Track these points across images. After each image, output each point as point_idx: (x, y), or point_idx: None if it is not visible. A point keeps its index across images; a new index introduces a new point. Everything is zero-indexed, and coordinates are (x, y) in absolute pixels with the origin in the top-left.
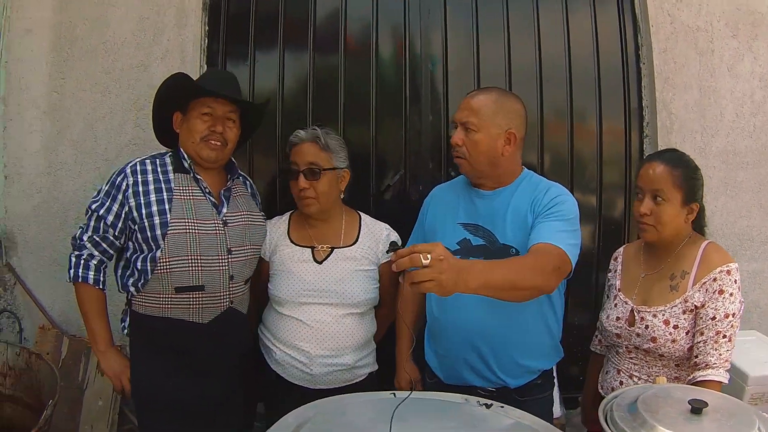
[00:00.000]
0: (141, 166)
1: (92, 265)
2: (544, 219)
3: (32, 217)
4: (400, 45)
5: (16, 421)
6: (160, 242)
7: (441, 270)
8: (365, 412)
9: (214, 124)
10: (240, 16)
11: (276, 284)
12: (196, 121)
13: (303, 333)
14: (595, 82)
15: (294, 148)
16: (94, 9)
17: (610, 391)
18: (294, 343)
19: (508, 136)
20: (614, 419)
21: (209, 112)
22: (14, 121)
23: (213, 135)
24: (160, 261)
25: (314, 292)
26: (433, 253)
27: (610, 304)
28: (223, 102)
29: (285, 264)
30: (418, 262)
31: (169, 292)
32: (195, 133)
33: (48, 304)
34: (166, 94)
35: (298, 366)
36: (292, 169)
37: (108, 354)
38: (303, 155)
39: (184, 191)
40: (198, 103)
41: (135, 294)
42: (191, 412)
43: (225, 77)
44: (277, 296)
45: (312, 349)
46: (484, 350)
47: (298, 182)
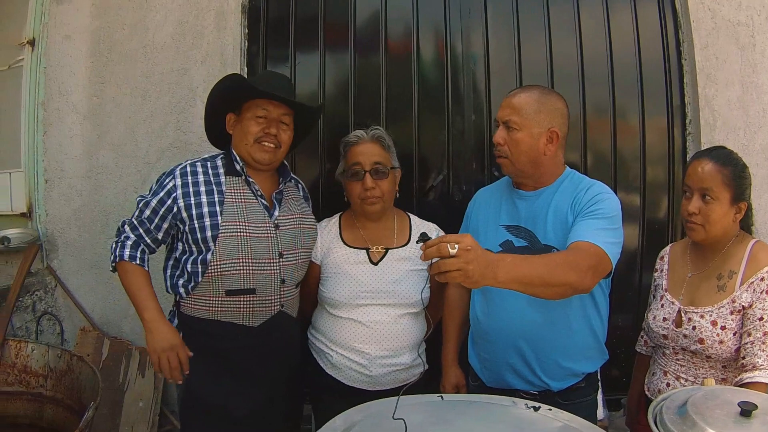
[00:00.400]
0: (191, 167)
1: (128, 244)
2: (584, 217)
3: (73, 221)
4: (441, 45)
5: (57, 422)
6: (211, 244)
7: (468, 260)
8: (413, 414)
9: (269, 125)
10: (280, 18)
11: (330, 287)
12: (250, 123)
13: (361, 334)
14: (636, 80)
15: (353, 148)
16: (133, 14)
17: (657, 392)
18: (352, 345)
19: (550, 135)
20: (664, 422)
21: (264, 115)
22: (54, 125)
23: (267, 137)
24: (211, 264)
25: (371, 293)
26: (461, 243)
27: (657, 304)
28: (278, 104)
29: (340, 266)
30: (446, 251)
31: (220, 294)
32: (249, 134)
33: (89, 307)
34: (220, 95)
35: (356, 368)
36: (354, 170)
37: (155, 323)
38: (367, 155)
39: (235, 194)
40: (252, 104)
41: (184, 296)
42: (236, 416)
43: (280, 80)
44: (332, 299)
45: (371, 350)
46: (527, 353)
47: (365, 182)
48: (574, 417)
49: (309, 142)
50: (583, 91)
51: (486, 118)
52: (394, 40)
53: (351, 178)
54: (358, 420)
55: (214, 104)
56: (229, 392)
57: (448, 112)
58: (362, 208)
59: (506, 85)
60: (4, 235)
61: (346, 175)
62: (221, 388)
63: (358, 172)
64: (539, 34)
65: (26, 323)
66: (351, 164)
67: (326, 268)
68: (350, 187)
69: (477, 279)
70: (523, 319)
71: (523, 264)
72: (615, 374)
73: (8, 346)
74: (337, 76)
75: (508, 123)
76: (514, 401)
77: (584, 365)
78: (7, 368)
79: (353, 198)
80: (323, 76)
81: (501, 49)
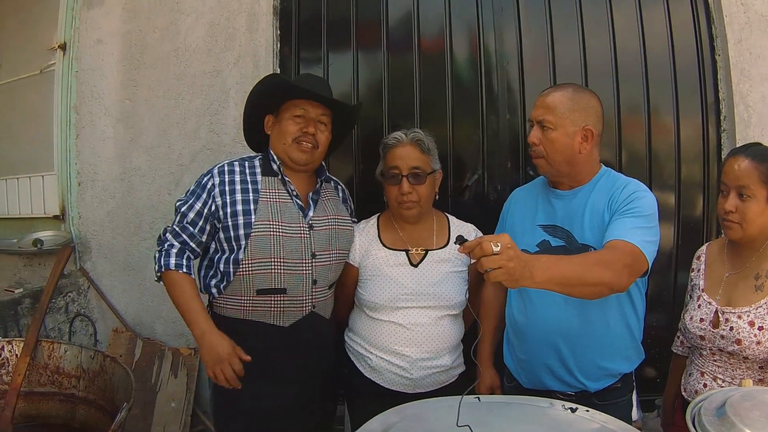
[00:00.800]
0: (228, 166)
1: (172, 252)
2: (620, 216)
3: (106, 223)
4: (474, 44)
5: (90, 423)
6: (243, 242)
7: (510, 257)
8: (450, 416)
9: (307, 125)
10: (312, 19)
11: (370, 289)
12: (288, 123)
13: (402, 337)
14: (670, 77)
15: (392, 150)
16: (164, 17)
17: (694, 393)
18: (393, 348)
19: (585, 133)
20: (702, 423)
21: (302, 114)
22: (87, 129)
23: (305, 136)
24: (243, 262)
25: (411, 295)
26: (501, 242)
27: (694, 304)
28: (316, 105)
29: (379, 268)
30: (489, 249)
31: (251, 294)
32: (287, 134)
33: (122, 308)
34: (259, 96)
35: (396, 371)
36: (392, 174)
37: (208, 336)
38: (405, 159)
39: (270, 194)
40: (291, 104)
41: (216, 296)
42: (268, 416)
43: (318, 81)
44: (371, 301)
45: (412, 352)
46: (564, 353)
47: (401, 187)
48: (611, 418)
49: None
50: (617, 89)
51: (520, 117)
52: (427, 39)
53: (388, 181)
54: (395, 422)
55: (255, 105)
56: (260, 390)
57: (482, 112)
58: (399, 212)
59: (540, 84)
60: (37, 238)
61: (384, 178)
62: (253, 387)
63: (396, 176)
64: (572, 31)
65: (59, 324)
66: (389, 167)
67: (365, 271)
68: (388, 190)
69: (517, 277)
70: (561, 319)
71: (559, 264)
72: (649, 375)
73: (41, 348)
74: (370, 76)
75: (543, 122)
76: (551, 402)
77: (621, 365)
78: (39, 369)
79: (391, 201)
80: (356, 77)
81: (534, 47)
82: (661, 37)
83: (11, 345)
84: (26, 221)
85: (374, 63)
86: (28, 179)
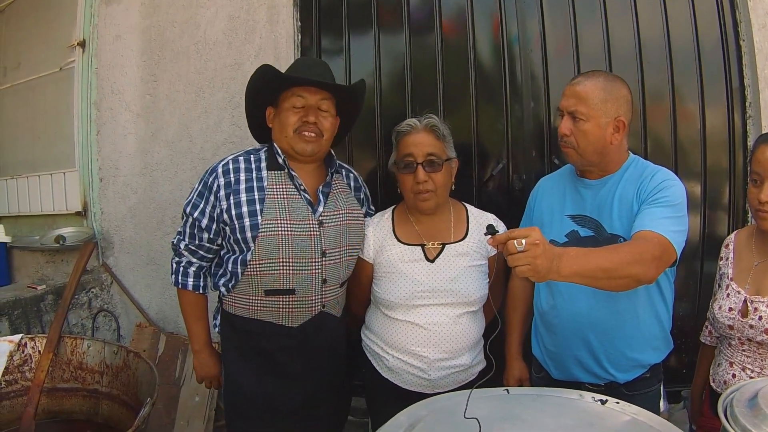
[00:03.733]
0: (233, 164)
1: (191, 272)
2: (649, 205)
3: (128, 218)
4: (497, 32)
5: (113, 418)
6: (251, 244)
7: (536, 255)
8: (479, 409)
9: (306, 114)
10: (332, 9)
11: (385, 287)
12: (287, 114)
13: (419, 337)
14: (695, 63)
15: (405, 138)
16: (183, 11)
17: (723, 384)
18: (410, 349)
19: (617, 124)
20: (735, 415)
21: (301, 103)
22: (108, 125)
23: (306, 126)
24: (250, 263)
25: (428, 292)
26: (529, 238)
27: (722, 294)
28: (315, 90)
29: (394, 265)
30: (513, 249)
31: (259, 294)
32: (287, 126)
33: (145, 303)
34: (254, 90)
35: (414, 372)
36: (406, 162)
37: (201, 355)
38: (420, 146)
39: (277, 190)
40: (289, 94)
41: (225, 294)
42: (279, 413)
43: (314, 64)
44: (387, 300)
45: (430, 353)
46: (594, 344)
47: (416, 175)
48: (641, 410)
49: (365, 134)
50: (642, 76)
51: (544, 104)
52: (450, 27)
53: (403, 170)
54: (423, 415)
55: (253, 100)
56: (271, 389)
57: (506, 100)
58: (415, 203)
59: (564, 71)
60: (59, 234)
61: (398, 167)
62: (263, 385)
63: (410, 164)
64: (595, 17)
65: (82, 320)
66: (403, 155)
67: (379, 267)
68: (402, 180)
69: (544, 273)
70: (590, 311)
71: (586, 257)
72: (675, 365)
73: (64, 344)
74: (393, 66)
75: (575, 113)
76: (581, 394)
77: (650, 356)
78: (62, 365)
79: (406, 191)
80: (378, 67)
81: (557, 33)
82: (684, 23)
83: (34, 341)
84: (48, 218)
85: (396, 52)
86: (50, 176)
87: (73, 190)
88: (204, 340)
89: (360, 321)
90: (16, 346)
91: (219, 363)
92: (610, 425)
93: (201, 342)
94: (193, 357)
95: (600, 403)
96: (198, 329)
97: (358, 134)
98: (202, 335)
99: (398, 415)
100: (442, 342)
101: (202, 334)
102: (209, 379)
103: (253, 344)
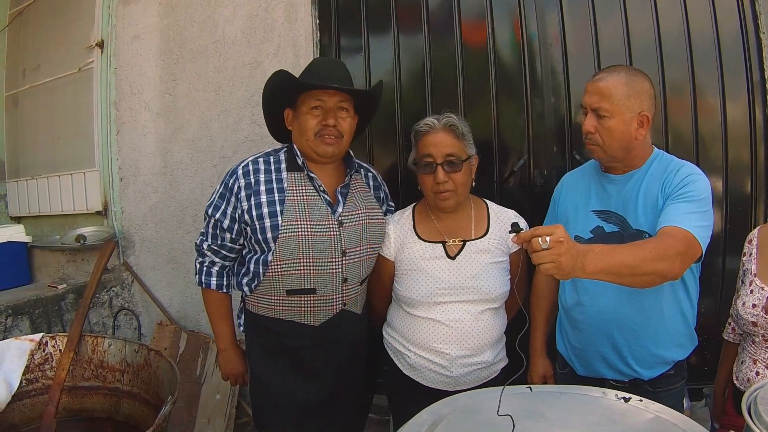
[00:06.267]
0: (253, 165)
1: (214, 272)
2: (674, 200)
3: (149, 217)
4: (516, 28)
5: (134, 416)
6: (272, 245)
7: (560, 252)
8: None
9: (326, 117)
10: (351, 7)
11: (407, 285)
12: (306, 117)
13: (442, 334)
14: (715, 56)
15: (424, 137)
16: (202, 11)
17: (746, 381)
18: (432, 346)
19: (641, 119)
20: (759, 413)
21: (319, 105)
22: (127, 124)
23: (326, 129)
24: (272, 264)
25: (450, 290)
26: (553, 235)
27: (746, 290)
28: (333, 92)
29: (415, 262)
30: (537, 246)
31: (281, 294)
32: (307, 130)
33: (165, 301)
34: (271, 94)
35: (436, 369)
36: (425, 162)
37: (227, 353)
38: (439, 146)
39: (297, 191)
40: (306, 96)
41: (248, 293)
42: (303, 410)
43: (332, 66)
44: (408, 297)
45: (452, 350)
46: (619, 341)
47: (436, 175)
48: (665, 408)
49: (386, 131)
50: (662, 70)
51: (564, 100)
52: (469, 24)
53: (422, 170)
54: (446, 413)
55: (270, 103)
56: (294, 386)
57: (526, 96)
58: (435, 202)
59: (584, 66)
60: (80, 234)
61: (418, 167)
62: (287, 383)
63: (430, 164)
64: (615, 11)
65: (103, 319)
66: (422, 155)
67: (401, 265)
68: (422, 179)
69: (568, 271)
70: (615, 308)
71: (610, 254)
72: (697, 363)
73: (85, 342)
74: (412, 63)
75: (599, 110)
76: (604, 392)
77: (675, 352)
78: (83, 364)
79: (426, 191)
80: (398, 64)
81: (577, 28)
82: (704, 16)
83: (55, 340)
84: (68, 218)
85: (416, 50)
86: (70, 176)
87: (94, 190)
88: (229, 339)
89: (382, 319)
90: (37, 344)
91: (244, 361)
92: (633, 423)
93: (226, 340)
94: (219, 355)
95: (623, 401)
96: (223, 327)
97: (378, 131)
98: (227, 333)
99: (421, 413)
100: (464, 339)
101: (227, 332)
102: (234, 376)
103: (276, 343)
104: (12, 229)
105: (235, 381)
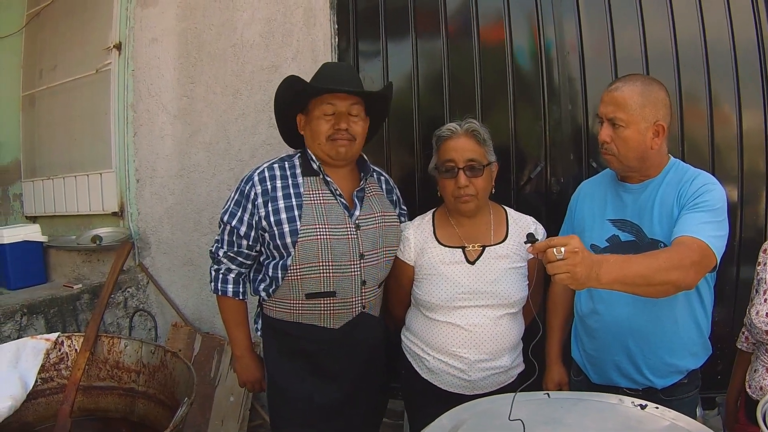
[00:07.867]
0: (269, 171)
1: (230, 278)
2: (689, 210)
3: (165, 219)
4: (534, 35)
5: (149, 417)
6: (291, 250)
7: (575, 263)
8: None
9: (338, 121)
10: (369, 12)
11: (426, 289)
12: (319, 122)
13: (460, 338)
14: (731, 65)
15: (446, 142)
16: (220, 14)
17: (759, 390)
18: (450, 350)
19: (656, 129)
20: None
21: (331, 110)
22: (144, 126)
23: (339, 133)
24: (291, 268)
25: (469, 294)
26: (568, 246)
27: (760, 299)
28: (344, 96)
29: (435, 267)
30: (552, 257)
31: (300, 298)
32: (320, 134)
33: (181, 303)
34: (282, 100)
35: (454, 373)
36: (447, 167)
37: (243, 359)
38: (461, 151)
39: (313, 195)
40: (318, 101)
41: (266, 299)
42: (321, 413)
43: (341, 70)
44: (428, 301)
45: (470, 354)
46: (633, 350)
47: (458, 180)
48: (681, 416)
49: (403, 136)
50: (679, 79)
51: (581, 107)
52: (487, 30)
53: (444, 175)
54: (465, 419)
55: (282, 109)
56: (313, 389)
57: (543, 103)
58: (456, 206)
59: (601, 74)
60: (96, 234)
61: (439, 172)
62: (305, 384)
63: (452, 169)
64: (632, 19)
65: (118, 319)
66: (444, 160)
67: (420, 270)
68: (443, 184)
69: (583, 281)
70: (631, 317)
71: (625, 264)
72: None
73: (101, 342)
74: (430, 68)
75: (614, 120)
76: (621, 399)
77: (689, 361)
78: (99, 364)
79: (447, 195)
80: (416, 69)
81: (594, 36)
82: (720, 25)
83: (70, 339)
84: (84, 218)
85: (433, 55)
86: (86, 177)
87: (110, 191)
88: (245, 345)
89: (398, 322)
90: (53, 344)
91: (261, 366)
92: (649, 430)
93: (242, 347)
94: (235, 362)
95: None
96: (239, 334)
97: (395, 136)
98: (243, 340)
99: (440, 417)
100: (482, 343)
101: (243, 339)
102: (252, 383)
103: (294, 346)
104: (28, 228)
105: (252, 387)
